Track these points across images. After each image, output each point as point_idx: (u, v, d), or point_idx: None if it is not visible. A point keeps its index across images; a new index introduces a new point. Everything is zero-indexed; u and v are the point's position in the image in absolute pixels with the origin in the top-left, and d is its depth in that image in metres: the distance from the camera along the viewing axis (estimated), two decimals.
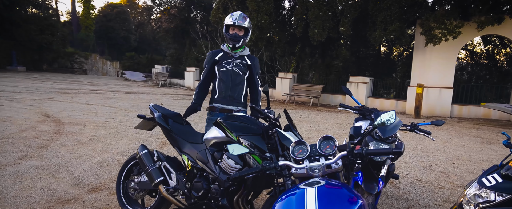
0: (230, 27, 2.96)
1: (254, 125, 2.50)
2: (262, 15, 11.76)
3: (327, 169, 1.62)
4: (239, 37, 2.96)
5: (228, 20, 2.95)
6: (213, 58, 3.04)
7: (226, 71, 3.02)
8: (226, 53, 3.04)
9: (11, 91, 11.02)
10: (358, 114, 3.23)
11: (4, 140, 4.86)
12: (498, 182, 1.80)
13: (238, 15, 2.95)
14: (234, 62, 3.03)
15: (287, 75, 14.45)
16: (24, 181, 3.40)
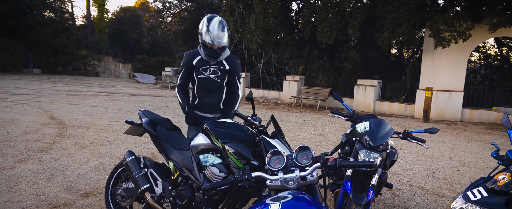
0: (206, 43, 2.71)
1: (240, 132, 2.44)
2: (268, 18, 11.73)
3: (302, 181, 1.56)
4: (218, 52, 2.76)
5: (204, 37, 2.67)
6: (190, 62, 2.84)
7: (203, 78, 2.87)
8: (202, 58, 2.84)
9: (23, 93, 11.29)
10: (348, 121, 3.16)
11: (6, 143, 4.96)
12: (483, 196, 1.72)
13: (217, 31, 2.64)
14: (211, 69, 2.86)
15: (294, 77, 14.36)
16: (18, 186, 3.44)
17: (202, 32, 2.69)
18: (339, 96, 3.30)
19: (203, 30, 2.67)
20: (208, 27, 2.65)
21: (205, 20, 2.67)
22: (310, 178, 1.57)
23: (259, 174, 1.61)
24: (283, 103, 14.08)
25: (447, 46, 9.60)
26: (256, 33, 12.06)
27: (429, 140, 7.17)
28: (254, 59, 17.58)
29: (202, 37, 2.69)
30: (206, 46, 2.72)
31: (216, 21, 2.66)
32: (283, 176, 1.57)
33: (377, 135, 2.54)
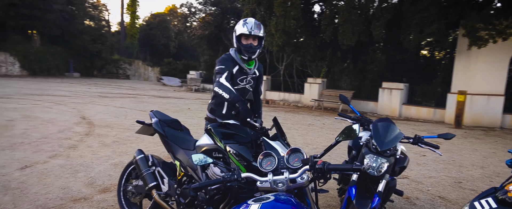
0: (243, 36, 2.67)
1: (243, 133, 2.49)
2: (289, 20, 11.84)
3: (291, 183, 1.53)
4: (255, 48, 2.70)
5: (241, 29, 2.63)
6: (231, 69, 2.73)
7: (239, 89, 2.83)
8: (241, 68, 2.80)
9: (62, 95, 12.20)
10: None
11: (43, 140, 5.48)
12: (491, 207, 1.59)
13: (253, 23, 2.66)
14: (248, 78, 2.85)
15: (316, 80, 14.32)
16: (48, 179, 3.84)
17: (238, 26, 2.68)
18: (346, 98, 3.26)
19: (240, 24, 2.68)
20: (245, 21, 2.68)
21: (241, 20, 2.74)
22: (300, 180, 1.55)
23: (248, 175, 1.62)
24: (303, 106, 14.09)
25: (484, 46, 8.98)
26: (276, 36, 12.21)
27: (458, 147, 6.80)
28: (275, 62, 17.72)
29: (238, 31, 2.65)
30: (241, 41, 2.67)
31: (252, 19, 2.74)
32: (273, 177, 1.57)
33: (385, 139, 2.44)
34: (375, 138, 2.47)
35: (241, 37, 2.68)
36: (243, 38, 2.68)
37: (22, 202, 3.21)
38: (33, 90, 13.13)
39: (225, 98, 2.56)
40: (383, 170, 2.38)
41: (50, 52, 22.91)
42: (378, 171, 2.38)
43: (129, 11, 35.98)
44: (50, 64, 22.87)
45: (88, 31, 26.13)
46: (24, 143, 5.22)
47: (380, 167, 2.38)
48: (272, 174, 1.57)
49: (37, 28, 22.09)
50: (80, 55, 25.70)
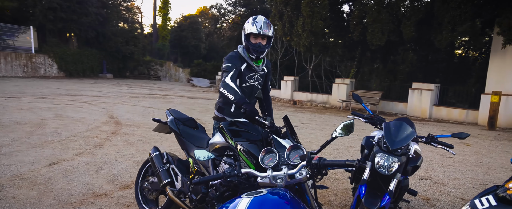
0: (252, 35, 2.64)
1: (253, 131, 2.52)
2: (316, 20, 11.62)
3: (290, 179, 1.57)
4: (263, 48, 2.68)
5: (250, 28, 2.60)
6: (239, 67, 2.73)
7: (248, 86, 2.84)
8: (249, 65, 2.78)
9: (94, 95, 12.74)
10: (368, 123, 3.06)
11: (71, 138, 5.70)
12: (491, 205, 1.58)
13: (263, 22, 2.62)
14: (256, 76, 2.85)
15: (344, 81, 13.95)
16: (72, 175, 3.96)
17: (247, 25, 2.65)
18: (359, 97, 3.21)
19: (249, 22, 2.64)
20: (254, 19, 2.64)
21: (250, 18, 2.71)
22: (299, 176, 1.58)
23: (248, 170, 1.66)
24: (331, 107, 13.76)
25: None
26: (303, 36, 12.02)
27: (489, 149, 6.51)
28: (303, 63, 17.47)
29: (247, 29, 2.62)
30: (250, 40, 2.65)
31: (262, 17, 2.68)
32: (272, 173, 1.60)
33: (396, 138, 2.43)
34: (386, 136, 2.44)
35: (250, 36, 2.65)
36: (252, 37, 2.65)
37: (47, 197, 3.32)
38: (67, 90, 13.83)
39: (230, 99, 2.53)
40: (393, 169, 2.35)
41: (85, 54, 24.07)
42: (388, 170, 2.36)
43: (161, 13, 37.07)
44: (85, 65, 24.03)
45: (121, 33, 27.21)
46: (54, 141, 5.45)
47: (390, 166, 2.36)
48: (271, 170, 1.60)
49: (74, 31, 23.30)
50: (113, 56, 26.81)
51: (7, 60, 19.91)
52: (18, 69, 20.48)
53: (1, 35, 20.32)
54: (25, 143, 5.19)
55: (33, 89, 13.15)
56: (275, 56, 19.27)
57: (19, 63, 20.56)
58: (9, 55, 19.94)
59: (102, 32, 25.38)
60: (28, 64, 21.07)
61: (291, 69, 19.16)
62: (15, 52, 20.41)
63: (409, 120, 3.52)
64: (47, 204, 3.15)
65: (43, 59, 21.80)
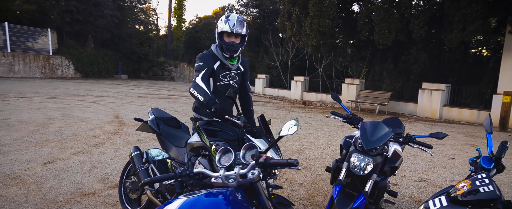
0: (225, 34, 2.59)
1: (230, 131, 2.52)
2: (324, 20, 11.47)
3: (241, 178, 1.55)
4: (237, 46, 2.63)
5: (223, 26, 2.55)
6: (212, 66, 2.68)
7: (223, 85, 2.79)
8: (223, 63, 2.73)
9: (105, 96, 13.01)
10: (346, 123, 3.00)
11: (72, 137, 5.82)
12: (442, 206, 1.56)
13: (235, 20, 2.57)
14: (231, 74, 2.80)
15: (354, 81, 13.72)
16: (65, 174, 4.03)
17: (220, 23, 2.59)
18: (337, 96, 3.16)
19: (222, 21, 2.59)
20: (227, 18, 2.59)
21: (223, 16, 2.65)
22: (251, 176, 1.55)
23: (200, 170, 1.65)
24: (341, 108, 13.53)
25: None
26: (311, 36, 11.90)
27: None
28: (314, 63, 17.29)
29: (220, 28, 2.57)
30: (223, 39, 2.60)
31: (235, 15, 2.64)
32: (224, 173, 1.58)
33: (372, 138, 2.40)
34: (362, 136, 2.41)
35: (223, 34, 2.59)
36: (225, 35, 2.60)
37: (34, 195, 3.38)
38: (80, 91, 14.18)
39: (200, 100, 2.48)
40: (368, 170, 2.33)
41: (100, 55, 24.65)
42: (363, 171, 2.34)
43: (175, 14, 37.57)
44: (100, 66, 24.61)
45: (136, 35, 27.73)
46: (55, 140, 5.57)
47: (365, 166, 2.33)
48: (224, 170, 1.58)
49: (90, 33, 23.89)
50: (128, 58, 27.35)
51: (25, 61, 20.61)
52: (36, 71, 21.16)
53: (21, 37, 21.07)
54: (26, 142, 5.33)
55: (47, 90, 13.56)
56: (286, 56, 19.16)
57: (37, 65, 21.25)
58: (28, 57, 20.64)
59: (117, 34, 25.95)
60: (46, 66, 21.76)
61: (302, 69, 19.01)
62: (34, 54, 21.11)
63: (398, 119, 3.43)
64: (33, 203, 3.20)
65: (60, 61, 22.46)
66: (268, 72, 19.97)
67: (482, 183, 1.51)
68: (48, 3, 21.16)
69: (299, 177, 4.38)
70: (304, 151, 5.84)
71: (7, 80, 17.16)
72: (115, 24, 25.34)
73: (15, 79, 17.96)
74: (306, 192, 3.89)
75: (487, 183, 1.50)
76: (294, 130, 1.59)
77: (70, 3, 21.59)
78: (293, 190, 3.93)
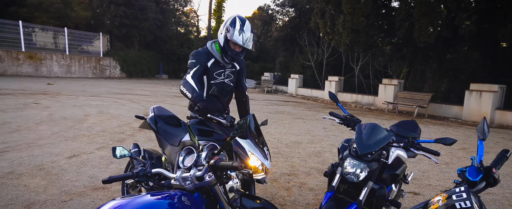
0: (233, 42, 2.52)
1: (218, 130, 2.51)
2: (358, 18, 11.01)
3: (198, 181, 1.50)
4: (240, 55, 2.64)
5: (235, 36, 2.47)
6: (206, 64, 2.65)
7: (217, 83, 2.75)
8: (217, 61, 2.68)
9: (142, 94, 13.68)
10: (343, 125, 2.80)
11: (101, 133, 6.17)
12: None
13: (249, 34, 2.50)
14: (226, 72, 2.77)
15: (392, 81, 12.98)
16: (84, 168, 4.27)
17: (233, 30, 2.47)
18: (335, 96, 2.95)
19: (235, 28, 2.47)
20: (242, 26, 2.47)
21: (237, 19, 2.51)
22: (208, 179, 1.49)
23: (159, 170, 1.61)
24: (377, 109, 12.90)
25: None
26: (344, 35, 11.48)
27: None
28: (351, 62, 16.68)
29: (232, 34, 2.47)
30: (229, 46, 2.55)
31: (249, 24, 2.54)
32: (181, 175, 1.53)
33: (367, 142, 2.20)
34: (357, 140, 2.23)
35: (230, 41, 2.54)
36: (232, 43, 2.55)
37: (53, 187, 3.62)
38: (121, 90, 15.04)
39: (188, 97, 2.47)
40: (362, 176, 2.14)
41: (144, 56, 26.03)
42: (357, 177, 2.16)
43: (215, 16, 38.46)
44: (143, 67, 25.97)
45: (177, 36, 28.87)
46: (85, 135, 5.95)
47: (359, 172, 2.15)
48: (181, 171, 1.53)
49: (135, 35, 25.35)
50: (169, 58, 28.56)
51: (80, 63, 22.38)
52: (88, 71, 22.90)
53: (77, 41, 22.98)
54: (60, 136, 5.75)
55: (93, 89, 14.58)
56: (321, 56, 18.72)
57: (90, 66, 22.99)
58: (82, 59, 22.39)
59: (159, 36, 27.22)
60: (97, 67, 23.45)
61: (338, 69, 18.43)
62: (87, 56, 22.87)
63: (414, 122, 3.14)
64: (49, 194, 3.42)
65: (108, 62, 24.08)
66: (302, 72, 19.65)
67: (459, 198, 1.31)
68: (101, 9, 22.87)
69: (311, 181, 4.22)
70: (323, 154, 5.63)
71: (64, 80, 18.75)
72: (158, 27, 26.59)
73: (71, 79, 19.57)
74: (314, 197, 3.73)
75: (464, 198, 1.29)
76: (242, 130, 1.52)
77: (119, 8, 23.11)
78: (301, 194, 3.80)
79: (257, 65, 28.29)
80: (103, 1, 22.94)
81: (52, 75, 20.14)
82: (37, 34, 21.77)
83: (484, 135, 1.64)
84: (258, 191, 3.85)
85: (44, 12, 20.25)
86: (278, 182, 4.20)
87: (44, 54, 19.79)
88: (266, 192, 3.83)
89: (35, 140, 5.41)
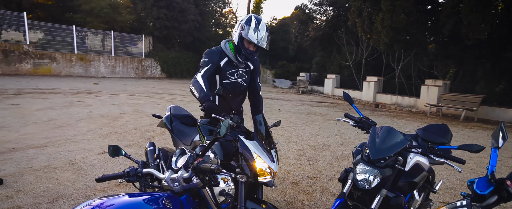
0: (247, 41, 2.49)
1: (230, 132, 2.43)
2: (398, 15, 10.41)
3: (185, 183, 1.48)
4: (254, 55, 2.59)
5: (250, 34, 2.44)
6: (218, 63, 2.62)
7: (230, 83, 2.71)
8: (230, 60, 2.66)
9: (178, 94, 14.11)
10: (356, 127, 2.62)
11: (132, 131, 6.41)
12: None
13: (264, 33, 2.46)
14: (239, 72, 2.73)
15: (435, 82, 12.12)
16: (111, 164, 4.43)
17: (248, 28, 2.45)
18: (349, 97, 2.76)
19: (250, 26, 2.44)
20: (257, 25, 2.45)
21: (253, 18, 2.50)
22: (195, 181, 1.48)
23: (149, 170, 1.61)
24: (418, 112, 12.11)
25: None
26: (382, 33, 10.91)
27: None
28: (391, 62, 15.84)
29: (246, 32, 2.44)
30: (243, 45, 2.52)
31: (265, 24, 2.52)
32: (170, 176, 1.52)
33: (381, 146, 2.04)
34: (370, 144, 2.08)
35: (244, 39, 2.51)
36: (246, 41, 2.52)
37: (80, 181, 3.79)
38: (159, 89, 15.63)
39: (196, 97, 2.44)
40: (374, 183, 1.99)
41: (183, 57, 26.89)
42: (368, 184, 2.01)
43: None
44: (182, 67, 26.84)
45: (215, 38, 29.50)
46: (118, 132, 6.22)
47: (370, 179, 2.01)
48: (171, 172, 1.51)
49: (175, 37, 26.29)
50: None
51: (124, 64, 23.68)
52: (131, 72, 24.15)
53: (122, 43, 24.38)
54: (95, 133, 6.07)
55: (133, 88, 15.32)
56: (360, 55, 18.01)
57: (132, 66, 24.23)
58: (126, 59, 23.67)
59: (198, 37, 27.98)
60: (139, 67, 24.65)
61: (378, 69, 17.61)
62: (130, 57, 24.15)
63: (445, 127, 2.86)
64: (76, 188, 3.59)
65: (150, 63, 25.21)
66: (339, 72, 19.05)
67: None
68: (145, 13, 24.07)
69: (334, 186, 4.02)
70: (352, 157, 5.35)
71: (109, 79, 19.96)
72: (196, 28, 27.34)
73: (115, 79, 20.78)
74: None
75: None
76: (222, 132, 1.44)
77: (161, 11, 24.16)
78: (322, 199, 3.62)
79: (293, 66, 28.01)
80: (146, 5, 24.09)
81: (99, 75, 21.50)
82: (88, 38, 23.45)
83: (498, 143, 1.42)
84: (276, 194, 3.74)
85: (95, 17, 21.75)
86: (299, 186, 4.06)
87: (93, 55, 21.21)
88: (285, 195, 3.71)
89: (73, 136, 5.76)
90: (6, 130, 5.74)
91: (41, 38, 19.61)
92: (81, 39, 22.04)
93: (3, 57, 16.83)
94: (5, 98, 9.16)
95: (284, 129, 7.71)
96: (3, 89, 11.03)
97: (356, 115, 2.69)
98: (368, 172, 2.04)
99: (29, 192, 3.38)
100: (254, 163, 2.30)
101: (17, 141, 5.13)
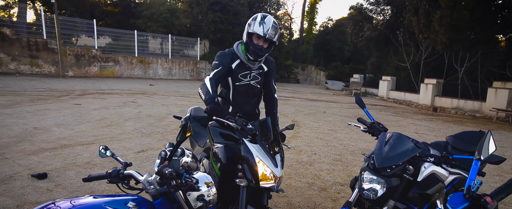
0: (256, 36, 2.48)
1: (237, 134, 2.42)
2: (459, 12, 9.41)
3: (160, 186, 1.50)
4: (264, 51, 2.53)
5: (256, 28, 2.43)
6: (230, 65, 2.60)
7: (242, 85, 2.67)
8: (242, 62, 2.63)
9: None
10: (367, 132, 2.44)
11: (174, 130, 6.70)
12: None
13: (271, 25, 2.44)
14: (252, 74, 2.67)
15: (505, 85, 10.73)
16: (145, 163, 4.67)
17: (254, 23, 2.46)
18: (361, 101, 2.57)
19: (256, 21, 2.46)
20: (262, 19, 2.46)
21: (259, 14, 2.54)
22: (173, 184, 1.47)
23: (130, 172, 1.63)
24: (483, 117, 10.82)
25: None
26: (440, 32, 9.95)
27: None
28: (454, 63, 14.37)
29: (253, 27, 2.45)
30: (252, 41, 2.51)
31: (272, 18, 2.51)
32: (147, 178, 1.54)
33: (388, 154, 1.91)
34: (377, 151, 1.97)
35: (253, 35, 2.50)
36: (255, 37, 2.49)
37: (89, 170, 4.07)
38: None
39: (202, 98, 2.45)
40: (380, 193, 1.88)
41: None
42: (375, 194, 1.90)
43: (307, 17, 38.22)
44: None
45: None
46: (160, 132, 6.56)
47: (377, 188, 1.90)
48: (148, 175, 1.54)
49: (229, 40, 27.05)
50: None
51: (180, 66, 25.05)
52: (186, 74, 25.44)
53: (179, 46, 25.84)
54: (139, 132, 6.48)
55: (185, 90, 16.10)
56: (418, 56, 16.68)
57: (188, 69, 25.52)
58: (182, 62, 25.02)
59: None
60: (194, 69, 25.87)
61: (438, 71, 16.13)
62: (186, 59, 25.47)
63: (482, 134, 2.50)
64: (109, 185, 3.87)
65: (204, 65, 26.29)
66: (395, 73, 17.84)
67: None
68: (201, 16, 25.25)
69: None
70: None
71: (165, 81, 21.28)
72: None
73: (171, 81, 22.07)
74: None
75: None
76: (181, 136, 1.43)
77: (216, 14, 25.10)
78: None
79: (348, 67, 27.00)
80: (202, 9, 25.18)
81: (156, 77, 23.02)
82: (149, 42, 25.28)
83: (480, 154, 1.21)
84: (300, 200, 3.64)
85: (155, 22, 23.38)
86: (327, 192, 3.89)
87: (151, 58, 22.79)
88: (310, 201, 3.60)
89: (118, 134, 6.22)
90: (64, 127, 6.42)
91: (107, 43, 21.65)
92: (142, 43, 23.83)
93: (75, 61, 18.92)
94: (71, 98, 10.27)
95: (325, 132, 7.47)
96: (71, 90, 12.38)
97: (369, 121, 2.50)
98: (373, 181, 1.91)
99: (67, 186, 3.71)
100: (256, 168, 2.24)
101: (70, 138, 5.69)
